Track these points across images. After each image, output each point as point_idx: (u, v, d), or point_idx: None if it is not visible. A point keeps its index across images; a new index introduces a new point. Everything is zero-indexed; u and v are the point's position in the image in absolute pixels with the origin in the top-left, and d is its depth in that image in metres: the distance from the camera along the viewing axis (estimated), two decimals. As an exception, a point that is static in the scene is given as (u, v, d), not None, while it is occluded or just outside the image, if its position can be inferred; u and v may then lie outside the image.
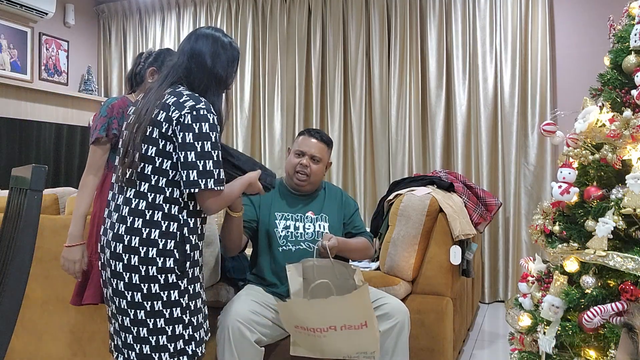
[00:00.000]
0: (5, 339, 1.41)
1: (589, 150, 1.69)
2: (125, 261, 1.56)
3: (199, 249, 1.66)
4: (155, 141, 1.58)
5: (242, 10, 4.94)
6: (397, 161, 4.38)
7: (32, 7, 4.55)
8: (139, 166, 1.59)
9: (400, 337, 1.99)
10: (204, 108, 1.58)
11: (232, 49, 1.71)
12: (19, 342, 2.52)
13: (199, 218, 1.66)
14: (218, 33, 1.72)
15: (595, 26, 3.85)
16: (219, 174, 1.58)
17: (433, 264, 2.43)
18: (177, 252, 1.57)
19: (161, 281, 1.56)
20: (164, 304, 1.57)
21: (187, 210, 1.61)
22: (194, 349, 1.63)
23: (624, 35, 1.77)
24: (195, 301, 1.64)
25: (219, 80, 1.68)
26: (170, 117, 1.56)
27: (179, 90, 1.62)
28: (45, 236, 2.35)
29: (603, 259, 1.52)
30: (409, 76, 4.36)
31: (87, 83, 5.22)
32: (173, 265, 1.57)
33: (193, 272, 1.64)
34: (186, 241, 1.59)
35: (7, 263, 1.46)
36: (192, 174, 1.54)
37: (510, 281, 4.01)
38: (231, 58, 1.71)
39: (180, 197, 1.60)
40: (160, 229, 1.56)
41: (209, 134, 1.57)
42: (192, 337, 1.63)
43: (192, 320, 1.62)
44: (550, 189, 1.78)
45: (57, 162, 4.72)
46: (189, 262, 1.60)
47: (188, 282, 1.61)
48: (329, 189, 2.34)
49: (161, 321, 1.57)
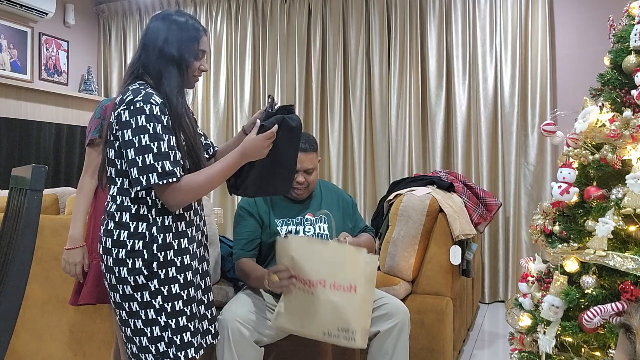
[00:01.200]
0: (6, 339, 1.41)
1: (589, 150, 1.69)
2: (104, 262, 1.58)
3: (174, 248, 1.57)
4: (111, 144, 1.56)
5: (242, 10, 4.94)
6: (397, 161, 4.38)
7: (32, 7, 4.55)
8: (107, 170, 1.59)
9: (400, 337, 1.98)
10: (140, 100, 1.49)
11: (187, 27, 1.59)
12: (19, 342, 2.52)
13: (172, 216, 1.57)
14: (172, 13, 1.62)
15: (595, 26, 3.85)
16: (163, 166, 1.46)
17: (433, 264, 2.43)
18: (146, 252, 1.53)
19: (132, 282, 1.54)
20: (139, 305, 1.55)
21: (155, 209, 1.55)
22: (175, 353, 1.57)
23: (624, 35, 1.77)
24: (173, 303, 1.56)
25: (172, 60, 1.56)
26: (115, 117, 1.53)
27: (128, 87, 1.57)
28: (45, 236, 2.35)
29: (603, 259, 1.52)
30: (409, 76, 4.36)
31: (87, 83, 5.22)
32: (140, 265, 1.53)
33: (166, 273, 1.55)
34: (154, 241, 1.54)
35: (7, 263, 1.46)
36: (134, 172, 1.47)
37: (510, 281, 4.01)
38: (187, 37, 1.57)
39: (148, 197, 1.55)
40: (129, 230, 1.54)
41: (146, 126, 1.47)
42: (171, 340, 1.56)
43: (169, 322, 1.56)
44: (550, 189, 1.77)
45: (57, 162, 4.72)
46: (156, 263, 1.53)
47: (160, 283, 1.54)
48: (324, 187, 2.33)
49: (139, 322, 1.55)
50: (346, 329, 1.84)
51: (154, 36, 1.58)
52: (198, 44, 1.61)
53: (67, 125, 4.82)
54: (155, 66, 1.57)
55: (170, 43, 1.56)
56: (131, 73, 1.61)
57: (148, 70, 1.58)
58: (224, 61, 5.00)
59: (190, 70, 1.61)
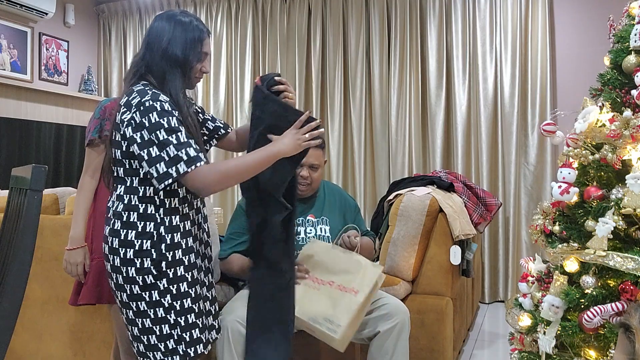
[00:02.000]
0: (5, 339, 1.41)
1: (589, 150, 1.69)
2: (111, 262, 1.57)
3: (182, 247, 1.59)
4: (118, 144, 1.56)
5: (242, 10, 4.94)
6: (397, 161, 4.38)
7: (32, 7, 4.55)
8: (114, 170, 1.60)
9: (400, 337, 1.98)
10: (148, 99, 1.50)
11: (193, 28, 1.59)
12: (19, 342, 2.52)
13: (179, 215, 1.59)
14: (177, 13, 1.62)
15: (595, 26, 3.85)
16: (188, 153, 1.48)
17: (433, 264, 2.43)
18: (155, 252, 1.54)
19: (140, 282, 1.54)
20: (147, 304, 1.55)
21: (163, 209, 1.56)
22: (185, 349, 1.58)
23: (624, 35, 1.77)
24: (181, 301, 1.58)
25: (176, 62, 1.58)
26: (122, 119, 1.54)
27: (133, 87, 1.58)
28: (45, 236, 2.35)
29: (603, 259, 1.52)
30: (409, 76, 4.36)
31: (87, 83, 5.22)
32: (149, 265, 1.54)
33: (175, 272, 1.57)
34: (162, 240, 1.55)
35: (7, 263, 1.46)
36: (161, 167, 1.48)
37: (510, 281, 4.01)
38: (191, 38, 1.58)
39: (156, 196, 1.56)
40: (137, 230, 1.54)
41: (160, 121, 1.48)
42: (181, 337, 1.58)
43: (178, 320, 1.57)
44: (550, 189, 1.77)
45: (57, 162, 4.72)
46: (164, 262, 1.55)
47: (168, 282, 1.56)
48: (328, 189, 2.33)
49: (148, 321, 1.56)
50: (331, 321, 1.85)
51: (159, 36, 1.58)
52: (201, 45, 1.62)
53: (67, 125, 4.82)
54: (159, 67, 1.58)
55: (174, 44, 1.57)
56: (135, 72, 1.61)
57: (152, 71, 1.59)
58: (224, 61, 5.00)
59: (192, 71, 1.62)
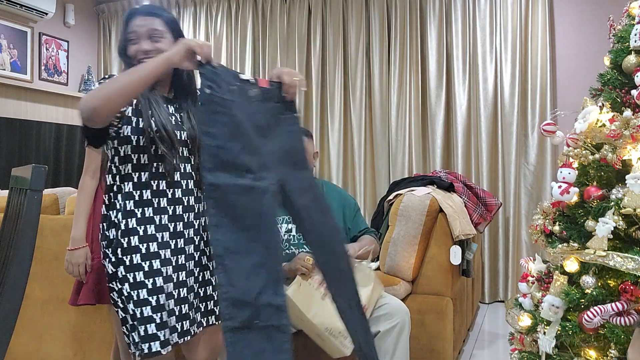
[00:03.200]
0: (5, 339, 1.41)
1: (589, 150, 1.69)
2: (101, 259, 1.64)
3: (138, 234, 1.56)
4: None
5: (242, 10, 4.94)
6: (397, 161, 4.38)
7: (32, 7, 4.55)
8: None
9: (400, 337, 1.99)
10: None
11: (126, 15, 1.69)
12: (19, 342, 2.52)
13: (133, 201, 1.57)
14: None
15: (595, 26, 3.85)
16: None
17: (433, 264, 2.43)
18: (114, 239, 1.57)
19: (108, 272, 1.58)
20: (116, 294, 1.58)
21: (120, 194, 1.58)
22: (137, 342, 1.53)
23: (624, 35, 1.77)
24: (138, 291, 1.53)
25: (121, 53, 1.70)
26: None
27: None
28: (45, 236, 2.35)
29: (603, 259, 1.52)
30: (409, 76, 4.36)
31: (87, 83, 5.22)
32: (110, 253, 1.57)
33: (131, 260, 1.54)
34: (118, 227, 1.56)
35: (7, 263, 1.46)
36: None
37: (510, 281, 4.01)
38: (124, 25, 1.68)
39: (115, 184, 1.59)
40: (107, 221, 1.60)
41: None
42: (134, 328, 1.54)
43: (135, 311, 1.53)
44: (550, 189, 1.77)
45: (57, 162, 4.72)
46: (120, 249, 1.55)
47: (125, 269, 1.54)
48: (327, 188, 2.33)
49: (120, 312, 1.58)
50: (346, 336, 1.84)
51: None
52: (127, 26, 1.67)
53: (67, 125, 4.83)
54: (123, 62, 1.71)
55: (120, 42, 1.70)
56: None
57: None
58: (224, 61, 5.00)
59: (132, 57, 1.65)
